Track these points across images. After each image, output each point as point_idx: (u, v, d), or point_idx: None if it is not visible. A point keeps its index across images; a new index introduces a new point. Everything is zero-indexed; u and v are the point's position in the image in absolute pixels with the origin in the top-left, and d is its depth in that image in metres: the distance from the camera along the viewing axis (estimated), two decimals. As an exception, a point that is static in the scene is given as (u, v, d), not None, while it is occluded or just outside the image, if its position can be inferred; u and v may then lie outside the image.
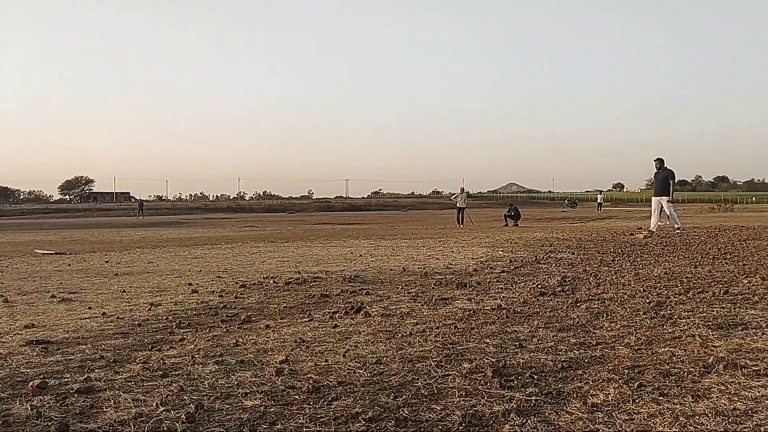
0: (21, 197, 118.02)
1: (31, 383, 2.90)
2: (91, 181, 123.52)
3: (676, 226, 14.49)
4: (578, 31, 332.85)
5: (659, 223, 15.01)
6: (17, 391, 2.83)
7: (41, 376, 3.03)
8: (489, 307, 4.77)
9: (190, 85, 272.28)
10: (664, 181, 14.95)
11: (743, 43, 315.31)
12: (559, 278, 6.25)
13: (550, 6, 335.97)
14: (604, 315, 4.33)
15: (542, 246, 11.10)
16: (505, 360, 3.17)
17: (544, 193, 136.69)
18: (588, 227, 19.26)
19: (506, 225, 22.49)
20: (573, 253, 9.41)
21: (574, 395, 2.57)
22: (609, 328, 3.87)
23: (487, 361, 3.16)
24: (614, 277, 6.40)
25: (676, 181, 15.09)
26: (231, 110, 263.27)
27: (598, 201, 47.62)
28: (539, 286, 5.78)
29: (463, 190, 25.19)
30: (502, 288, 5.87)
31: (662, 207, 14.91)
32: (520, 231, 17.70)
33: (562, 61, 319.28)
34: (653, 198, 15.43)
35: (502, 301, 5.06)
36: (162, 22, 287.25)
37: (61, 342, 3.87)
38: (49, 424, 2.38)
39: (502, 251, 10.24)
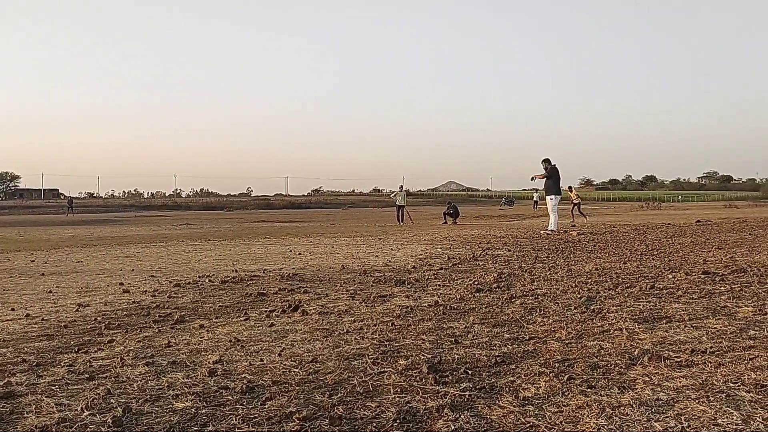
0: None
1: (-56, 389, 2.75)
2: (17, 177, 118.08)
3: (551, 227, 14.23)
4: (507, 23, 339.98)
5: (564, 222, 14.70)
6: (-71, 397, 2.67)
7: (-44, 382, 2.87)
8: (426, 304, 4.81)
9: (123, 77, 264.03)
10: (550, 180, 14.91)
11: (673, 36, 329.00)
12: (495, 275, 6.36)
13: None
14: (538, 310, 4.43)
15: (480, 243, 11.28)
16: (441, 356, 3.20)
17: (482, 191, 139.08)
18: (524, 225, 19.69)
19: (445, 223, 22.74)
20: (509, 250, 9.60)
21: (507, 389, 2.61)
22: (542, 323, 3.97)
23: (422, 357, 3.18)
24: (548, 273, 6.56)
25: (560, 180, 14.99)
26: (165, 104, 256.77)
27: (534, 199, 48.86)
28: (476, 283, 5.87)
29: (402, 188, 25.32)
30: (439, 285, 5.93)
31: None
32: (458, 228, 17.95)
33: (492, 56, 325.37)
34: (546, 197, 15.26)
35: (439, 297, 5.11)
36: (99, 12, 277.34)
37: (-21, 346, 3.68)
38: (-36, 432, 2.25)
39: (440, 248, 10.35)
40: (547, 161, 14.91)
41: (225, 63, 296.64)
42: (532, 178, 15.43)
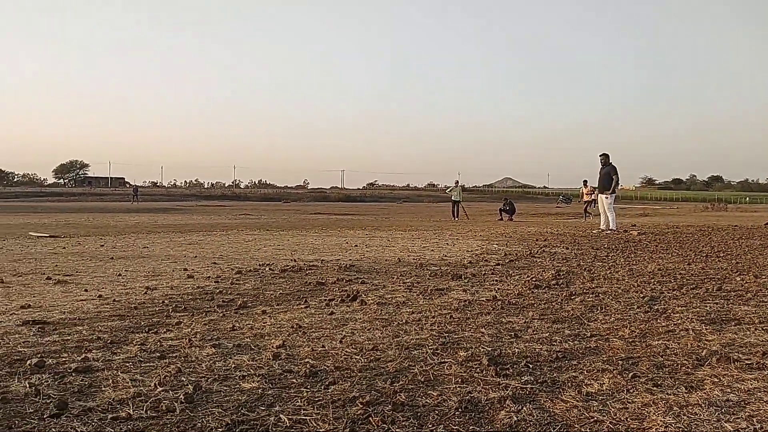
0: (15, 180, 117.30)
1: (28, 362, 2.92)
2: (86, 165, 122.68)
3: (610, 227, 13.65)
4: (575, 28, 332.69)
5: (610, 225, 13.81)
6: (15, 369, 2.84)
7: (39, 355, 3.03)
8: (484, 298, 4.80)
9: (185, 71, 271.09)
10: (606, 176, 14.18)
11: (742, 40, 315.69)
12: (553, 272, 6.29)
13: (553, 4, 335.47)
14: (599, 308, 4.36)
15: (537, 240, 11.15)
16: (501, 349, 3.20)
17: (539, 188, 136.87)
18: (582, 223, 19.33)
19: (501, 219, 22.53)
20: (567, 248, 9.45)
21: (569, 384, 2.60)
22: (603, 321, 3.91)
23: (482, 349, 3.19)
24: (608, 272, 6.44)
25: (619, 177, 14.14)
26: (228, 98, 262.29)
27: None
28: (534, 279, 5.82)
29: (457, 183, 25.16)
30: (497, 280, 5.90)
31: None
32: (514, 225, 17.76)
33: (559, 58, 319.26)
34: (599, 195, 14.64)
35: (497, 292, 5.09)
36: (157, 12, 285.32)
37: (57, 323, 3.88)
38: (48, 401, 2.39)
39: (496, 245, 10.28)
40: (605, 156, 14.32)
41: (286, 59, 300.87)
42: (588, 193, 14.88)
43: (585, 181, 24.88)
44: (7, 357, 3.05)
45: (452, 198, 24.59)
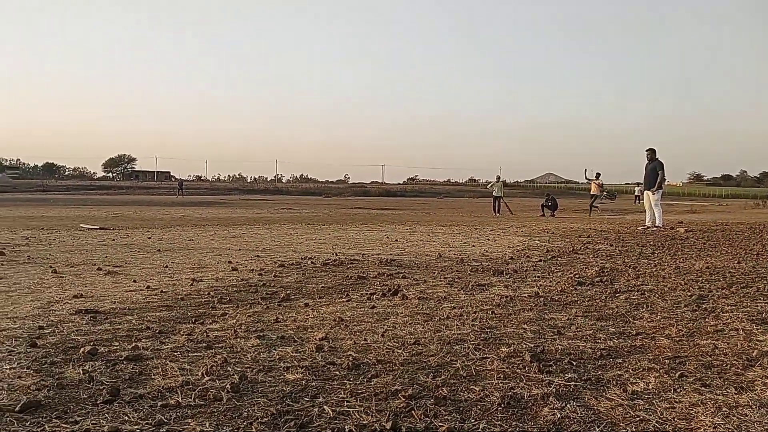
0: (66, 173, 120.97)
1: (82, 349, 3.02)
2: (134, 159, 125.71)
3: (657, 223, 13.21)
4: (625, 28, 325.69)
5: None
6: (69, 356, 2.95)
7: (91, 344, 3.14)
8: (526, 295, 4.77)
9: (230, 67, 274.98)
10: (652, 172, 13.72)
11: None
12: (597, 269, 6.20)
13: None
14: (644, 306, 4.29)
15: (579, 237, 10.99)
16: (544, 346, 3.17)
17: (582, 184, 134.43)
18: (626, 220, 18.95)
19: (543, 215, 22.26)
20: (611, 245, 9.29)
21: (614, 382, 2.57)
22: (649, 319, 3.84)
23: (525, 346, 3.17)
24: (654, 269, 6.31)
25: (665, 173, 13.60)
26: (270, 94, 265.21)
27: (636, 193, 46.68)
28: (577, 276, 5.75)
29: (499, 178, 24.89)
30: (539, 276, 5.85)
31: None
32: (557, 221, 17.53)
33: (600, 49, 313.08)
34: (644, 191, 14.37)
35: (539, 289, 5.05)
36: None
37: (108, 312, 4.01)
38: (101, 387, 2.47)
39: (538, 240, 10.17)
40: (652, 151, 13.92)
41: (328, 58, 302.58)
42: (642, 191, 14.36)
43: (598, 174, 24.32)
44: (61, 344, 3.17)
45: (493, 193, 24.36)
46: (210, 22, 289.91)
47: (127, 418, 2.17)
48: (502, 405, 2.30)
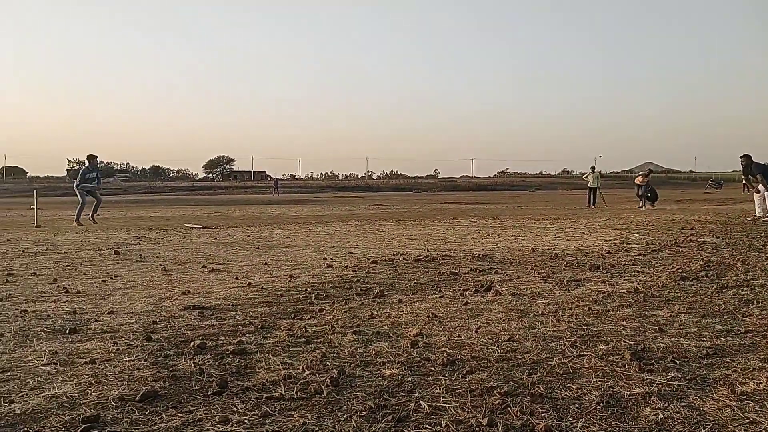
0: (170, 175, 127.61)
1: (191, 344, 3.22)
2: (232, 160, 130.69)
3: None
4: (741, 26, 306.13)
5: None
6: (181, 349, 3.15)
7: (200, 338, 3.34)
8: (625, 290, 4.63)
9: (320, 70, 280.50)
10: (747, 169, 13.64)
11: None
12: (701, 263, 5.91)
13: None
14: (755, 302, 4.07)
15: (682, 229, 10.49)
16: (644, 343, 3.08)
17: (684, 173, 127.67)
18: (734, 210, 17.87)
19: (642, 206, 21.35)
20: (717, 237, 8.82)
21: (721, 382, 2.47)
22: (760, 316, 3.64)
23: (624, 343, 3.09)
24: (766, 263, 5.94)
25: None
26: (359, 92, 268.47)
27: (744, 182, 43.74)
28: (680, 270, 5.51)
29: (594, 168, 24.09)
30: (638, 271, 5.65)
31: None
32: (657, 213, 16.78)
33: (703, 36, 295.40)
34: None
35: (638, 284, 4.88)
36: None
37: (214, 308, 4.24)
38: (211, 380, 2.63)
39: (637, 233, 9.80)
40: (746, 157, 13.38)
41: (416, 55, 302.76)
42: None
43: (650, 170, 24.25)
44: (173, 338, 3.39)
45: (589, 185, 23.61)
46: (313, 29, 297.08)
47: (235, 409, 2.30)
48: (601, 404, 2.26)
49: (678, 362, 2.76)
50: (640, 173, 24.48)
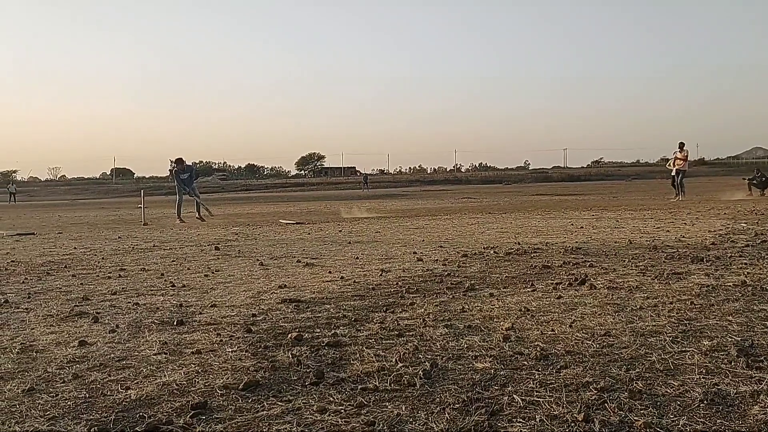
0: (265, 173, 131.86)
1: (289, 336, 3.35)
2: (323, 157, 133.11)
3: None
4: None
5: None
6: (279, 341, 3.28)
7: (296, 330, 3.46)
8: (731, 284, 4.39)
9: (405, 64, 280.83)
10: None
11: None
12: (819, 254, 5.51)
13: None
14: None
15: (797, 217, 9.80)
16: (753, 339, 2.93)
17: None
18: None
19: (750, 194, 20.07)
20: (837, 226, 8.18)
21: (840, 382, 2.31)
22: None
23: (730, 339, 2.95)
24: None
25: None
26: (446, 84, 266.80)
27: None
28: (793, 262, 5.17)
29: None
30: (746, 263, 5.34)
31: None
32: (767, 201, 15.73)
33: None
34: None
35: (746, 277, 4.62)
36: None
37: (309, 301, 4.37)
38: (308, 371, 2.73)
39: (745, 223, 9.24)
40: None
41: (508, 49, 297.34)
42: None
43: (681, 144, 19.26)
44: (272, 330, 3.53)
45: (671, 173, 22.47)
46: (400, 24, 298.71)
47: (331, 399, 2.38)
48: (705, 402, 2.18)
49: (790, 360, 2.60)
50: (683, 152, 19.40)
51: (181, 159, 15.66)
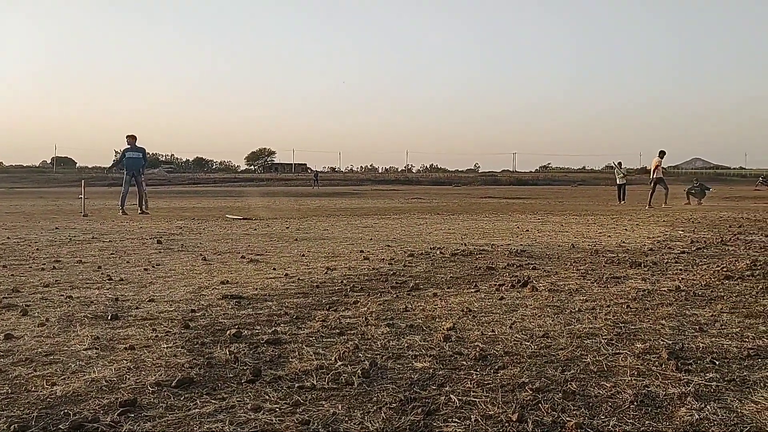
0: (213, 167, 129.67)
1: (228, 332, 3.28)
2: (273, 152, 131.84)
3: None
4: None
5: None
6: (217, 338, 3.21)
7: (236, 327, 3.39)
8: (666, 288, 4.52)
9: (361, 62, 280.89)
10: None
11: None
12: (748, 262, 5.74)
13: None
14: (802, 303, 3.93)
15: (729, 226, 10.20)
16: (683, 343, 3.02)
17: (734, 169, 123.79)
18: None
19: (688, 203, 20.82)
20: (766, 236, 8.54)
21: (762, 384, 2.39)
22: (807, 318, 3.52)
23: (662, 342, 3.03)
24: (817, 263, 5.74)
25: None
26: (401, 85, 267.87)
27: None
28: (724, 269, 5.36)
29: (621, 164, 23.74)
30: (681, 269, 5.52)
31: None
32: (703, 210, 16.34)
33: (743, 31, 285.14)
34: None
35: (680, 282, 4.77)
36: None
37: (251, 297, 4.30)
38: (245, 368, 2.68)
39: (682, 231, 9.57)
40: None
41: (448, 42, 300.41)
42: None
43: (662, 152, 19.54)
44: (211, 327, 3.45)
45: (617, 181, 23.38)
46: (354, 21, 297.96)
47: (267, 397, 2.34)
48: (635, 403, 2.22)
49: (717, 363, 2.69)
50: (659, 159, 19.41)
51: (134, 136, 14.69)
